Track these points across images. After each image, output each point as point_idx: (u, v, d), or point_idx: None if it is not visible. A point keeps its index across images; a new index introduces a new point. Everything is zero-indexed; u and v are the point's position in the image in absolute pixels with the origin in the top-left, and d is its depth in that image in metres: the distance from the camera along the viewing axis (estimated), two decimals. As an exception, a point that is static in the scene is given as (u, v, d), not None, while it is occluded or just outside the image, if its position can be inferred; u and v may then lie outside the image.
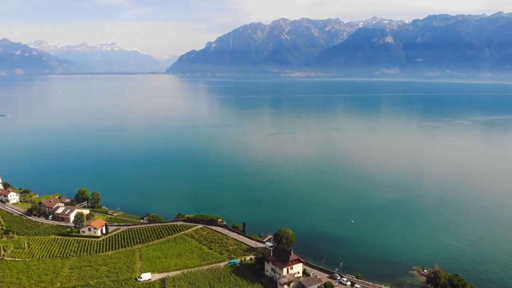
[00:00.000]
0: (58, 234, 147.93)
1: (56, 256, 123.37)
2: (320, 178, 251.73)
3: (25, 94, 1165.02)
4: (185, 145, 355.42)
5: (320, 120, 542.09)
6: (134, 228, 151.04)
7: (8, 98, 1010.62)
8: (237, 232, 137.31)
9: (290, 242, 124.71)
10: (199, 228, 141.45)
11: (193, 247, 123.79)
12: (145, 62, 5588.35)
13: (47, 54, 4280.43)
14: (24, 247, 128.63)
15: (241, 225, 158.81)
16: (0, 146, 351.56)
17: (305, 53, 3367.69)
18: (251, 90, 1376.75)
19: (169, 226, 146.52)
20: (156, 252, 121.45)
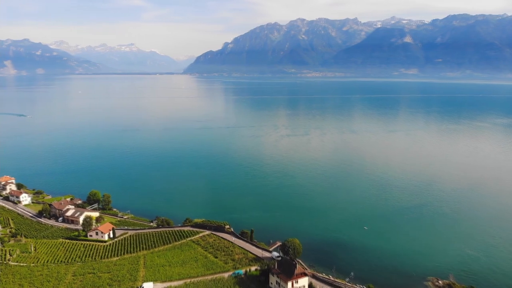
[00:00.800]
0: (65, 237, 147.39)
1: (61, 261, 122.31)
2: (333, 182, 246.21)
3: (45, 93, 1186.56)
4: (197, 146, 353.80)
5: (335, 121, 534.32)
6: (141, 233, 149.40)
7: (29, 98, 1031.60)
8: (244, 240, 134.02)
9: (298, 252, 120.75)
10: (206, 234, 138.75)
11: (199, 254, 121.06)
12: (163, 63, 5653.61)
13: (67, 55, 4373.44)
14: (31, 251, 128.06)
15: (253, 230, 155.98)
16: (18, 146, 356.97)
17: (322, 53, 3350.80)
18: (267, 90, 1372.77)
19: (176, 232, 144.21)
20: (161, 259, 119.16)
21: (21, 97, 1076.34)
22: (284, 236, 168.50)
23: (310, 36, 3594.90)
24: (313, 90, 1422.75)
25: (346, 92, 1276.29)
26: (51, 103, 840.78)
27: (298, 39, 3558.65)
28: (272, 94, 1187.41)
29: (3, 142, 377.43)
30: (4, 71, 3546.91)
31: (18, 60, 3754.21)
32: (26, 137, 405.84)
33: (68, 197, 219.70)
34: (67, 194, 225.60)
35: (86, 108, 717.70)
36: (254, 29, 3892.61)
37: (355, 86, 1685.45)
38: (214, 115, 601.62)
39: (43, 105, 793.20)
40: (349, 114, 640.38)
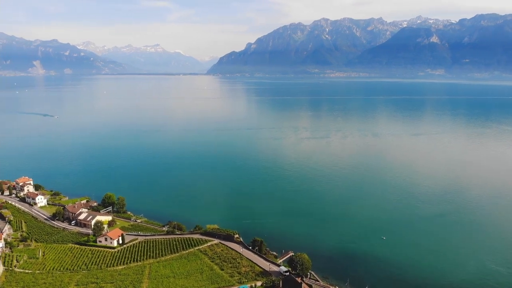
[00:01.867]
0: (75, 242, 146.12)
1: (67, 269, 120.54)
2: (353, 188, 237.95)
3: (72, 93, 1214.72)
4: (215, 148, 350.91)
5: (357, 124, 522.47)
6: (150, 239, 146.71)
7: (57, 97, 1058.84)
8: (253, 251, 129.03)
9: (306, 268, 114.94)
10: (214, 244, 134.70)
11: (205, 266, 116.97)
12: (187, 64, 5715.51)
13: (94, 55, 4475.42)
14: (38, 257, 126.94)
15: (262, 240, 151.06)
16: (40, 147, 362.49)
17: (346, 53, 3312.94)
18: (289, 91, 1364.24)
19: (185, 240, 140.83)
20: (166, 269, 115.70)
21: (50, 96, 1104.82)
22: (298, 245, 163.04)
23: (334, 36, 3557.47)
24: (336, 90, 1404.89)
25: (370, 93, 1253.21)
26: (78, 104, 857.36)
27: (321, 39, 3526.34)
28: (294, 94, 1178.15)
29: (27, 142, 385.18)
30: (33, 71, 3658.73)
31: (46, 60, 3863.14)
32: (50, 138, 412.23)
33: (84, 199, 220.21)
34: (84, 195, 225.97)
35: (110, 108, 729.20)
36: (277, 30, 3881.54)
37: (380, 86, 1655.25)
38: (233, 116, 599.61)
39: (70, 105, 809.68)
40: (372, 116, 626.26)
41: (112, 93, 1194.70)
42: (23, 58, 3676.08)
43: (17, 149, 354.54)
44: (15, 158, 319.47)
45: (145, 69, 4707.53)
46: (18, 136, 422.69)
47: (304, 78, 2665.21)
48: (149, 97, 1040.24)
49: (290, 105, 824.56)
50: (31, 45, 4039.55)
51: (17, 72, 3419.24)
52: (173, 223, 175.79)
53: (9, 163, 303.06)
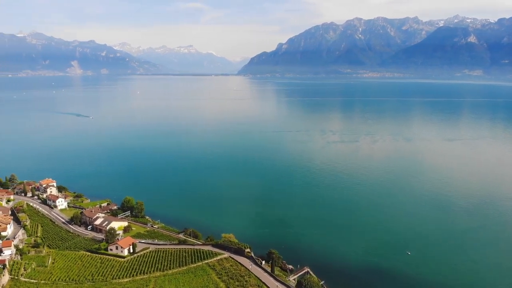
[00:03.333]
0: (87, 250, 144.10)
1: (72, 279, 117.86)
2: (378, 197, 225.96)
3: (108, 94, 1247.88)
4: (238, 152, 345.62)
5: (388, 127, 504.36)
6: (161, 249, 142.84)
7: (93, 98, 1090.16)
8: (262, 268, 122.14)
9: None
10: (223, 258, 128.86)
11: (211, 282, 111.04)
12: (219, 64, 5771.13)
13: (129, 56, 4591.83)
14: (47, 265, 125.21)
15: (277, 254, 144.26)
16: (71, 148, 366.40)
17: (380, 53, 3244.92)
18: (319, 92, 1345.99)
19: (195, 251, 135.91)
20: (171, 285, 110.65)
21: (86, 97, 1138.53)
22: (316, 258, 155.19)
23: (368, 36, 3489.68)
24: (369, 91, 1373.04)
25: (404, 94, 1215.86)
26: (113, 104, 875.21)
27: (354, 39, 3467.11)
28: (324, 95, 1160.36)
29: (58, 143, 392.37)
30: (71, 71, 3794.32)
31: (84, 61, 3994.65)
32: (82, 139, 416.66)
33: (105, 202, 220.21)
34: (105, 198, 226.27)
35: (141, 109, 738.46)
36: (309, 29, 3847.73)
37: (414, 87, 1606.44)
38: (260, 118, 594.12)
39: (105, 106, 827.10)
40: (405, 119, 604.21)
41: (145, 94, 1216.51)
42: (62, 58, 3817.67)
43: (47, 150, 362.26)
44: (44, 158, 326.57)
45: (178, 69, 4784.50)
46: (51, 136, 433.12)
47: (335, 79, 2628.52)
48: (179, 98, 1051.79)
49: (319, 107, 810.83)
50: (69, 46, 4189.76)
51: (55, 72, 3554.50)
52: (189, 230, 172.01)
53: (37, 163, 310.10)
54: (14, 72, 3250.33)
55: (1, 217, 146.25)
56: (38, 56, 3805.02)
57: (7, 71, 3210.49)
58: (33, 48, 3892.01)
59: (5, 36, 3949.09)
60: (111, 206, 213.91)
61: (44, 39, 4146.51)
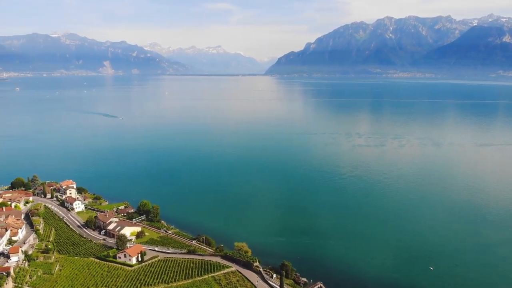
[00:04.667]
0: (96, 256, 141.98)
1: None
2: (401, 206, 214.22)
3: (138, 94, 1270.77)
4: (259, 155, 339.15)
5: (417, 131, 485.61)
6: (170, 258, 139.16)
7: (124, 98, 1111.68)
8: (269, 284, 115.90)
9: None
10: (231, 272, 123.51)
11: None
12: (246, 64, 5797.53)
13: (160, 56, 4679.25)
14: (53, 273, 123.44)
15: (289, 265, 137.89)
16: (97, 149, 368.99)
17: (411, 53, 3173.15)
18: (347, 92, 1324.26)
19: (203, 263, 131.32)
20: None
21: (117, 97, 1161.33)
22: (333, 271, 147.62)
23: (398, 35, 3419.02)
24: (399, 92, 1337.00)
25: (435, 95, 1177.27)
26: (142, 104, 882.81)
27: (385, 38, 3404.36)
28: (351, 96, 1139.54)
29: (84, 143, 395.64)
30: (103, 71, 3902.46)
31: (115, 61, 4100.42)
32: (109, 140, 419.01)
33: (123, 205, 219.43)
34: (123, 201, 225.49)
35: (168, 110, 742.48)
36: (338, 29, 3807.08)
37: (446, 89, 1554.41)
38: (283, 120, 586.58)
39: (135, 106, 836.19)
40: (435, 122, 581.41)
41: (173, 94, 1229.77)
42: (94, 59, 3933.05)
43: (72, 150, 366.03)
44: (68, 159, 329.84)
45: (207, 70, 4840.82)
46: (78, 136, 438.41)
47: (365, 79, 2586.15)
48: (204, 98, 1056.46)
49: (346, 108, 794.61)
50: (102, 46, 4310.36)
51: (88, 72, 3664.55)
52: (202, 237, 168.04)
53: (61, 163, 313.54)
54: (48, 71, 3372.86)
55: (13, 221, 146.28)
56: (72, 56, 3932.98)
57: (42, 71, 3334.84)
58: (67, 48, 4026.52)
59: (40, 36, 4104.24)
60: (128, 209, 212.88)
61: (77, 40, 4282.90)
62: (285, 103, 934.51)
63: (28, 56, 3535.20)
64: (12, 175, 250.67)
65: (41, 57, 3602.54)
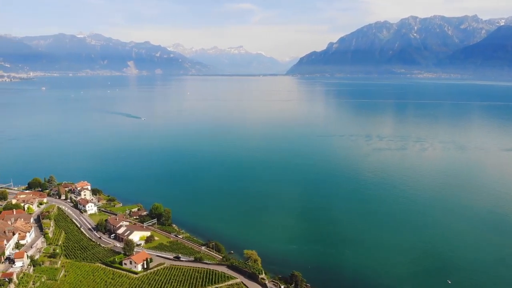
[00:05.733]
0: (103, 262, 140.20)
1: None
2: (420, 215, 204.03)
3: (161, 94, 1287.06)
4: (275, 158, 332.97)
5: (441, 133, 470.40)
6: (176, 266, 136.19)
7: (147, 98, 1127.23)
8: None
9: None
10: (235, 283, 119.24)
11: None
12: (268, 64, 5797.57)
13: (182, 56, 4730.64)
14: (57, 279, 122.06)
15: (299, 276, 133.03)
16: (116, 150, 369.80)
17: (436, 53, 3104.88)
18: (369, 93, 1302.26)
19: (208, 272, 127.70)
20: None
21: (141, 97, 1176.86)
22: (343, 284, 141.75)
23: (423, 35, 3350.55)
24: (424, 93, 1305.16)
25: (461, 97, 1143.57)
26: (164, 105, 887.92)
27: (409, 38, 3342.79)
28: (374, 97, 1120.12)
29: (102, 144, 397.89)
30: (127, 71, 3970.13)
31: (139, 61, 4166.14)
32: (129, 140, 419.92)
33: (136, 207, 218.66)
34: (137, 203, 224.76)
35: (188, 111, 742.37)
36: (361, 28, 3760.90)
37: (473, 90, 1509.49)
38: (302, 121, 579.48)
39: (158, 107, 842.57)
40: (460, 125, 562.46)
41: (194, 94, 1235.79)
42: (119, 59, 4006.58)
43: (91, 150, 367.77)
44: (86, 159, 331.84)
45: (228, 70, 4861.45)
46: (98, 136, 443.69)
47: (388, 79, 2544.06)
48: (223, 99, 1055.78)
49: (367, 109, 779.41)
50: (126, 47, 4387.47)
51: (112, 72, 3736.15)
52: (212, 243, 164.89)
53: (79, 164, 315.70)
54: (74, 71, 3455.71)
55: (22, 224, 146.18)
56: (97, 56, 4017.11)
57: (68, 71, 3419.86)
58: (93, 48, 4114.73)
59: (67, 36, 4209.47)
60: (141, 212, 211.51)
61: (102, 40, 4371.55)
62: (304, 104, 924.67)
63: (55, 56, 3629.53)
64: (30, 175, 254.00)
65: (67, 57, 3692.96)
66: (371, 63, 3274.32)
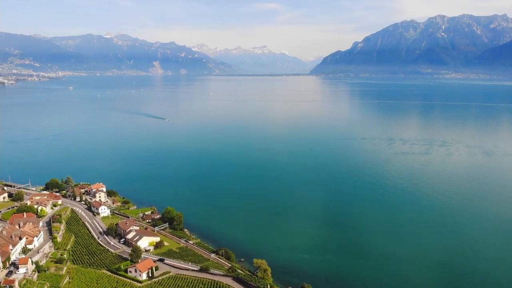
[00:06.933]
0: (108, 269, 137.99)
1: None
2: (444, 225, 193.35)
3: (185, 94, 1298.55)
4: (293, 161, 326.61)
5: (467, 137, 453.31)
6: (181, 276, 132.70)
7: (170, 98, 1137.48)
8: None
9: None
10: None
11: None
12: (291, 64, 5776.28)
13: (206, 57, 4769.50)
14: (61, 286, 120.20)
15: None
16: (136, 151, 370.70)
17: (464, 53, 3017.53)
18: (395, 93, 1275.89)
19: (212, 284, 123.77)
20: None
21: (165, 97, 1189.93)
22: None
23: (451, 34, 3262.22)
24: (451, 95, 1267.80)
25: (490, 98, 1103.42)
26: (188, 105, 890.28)
27: (436, 37, 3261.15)
28: (399, 98, 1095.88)
29: (124, 145, 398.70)
30: (152, 71, 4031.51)
31: (165, 61, 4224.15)
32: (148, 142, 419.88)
33: (149, 210, 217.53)
34: (151, 205, 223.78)
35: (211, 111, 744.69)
36: (387, 28, 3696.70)
37: (503, 91, 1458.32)
38: (323, 123, 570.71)
39: (182, 107, 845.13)
40: (488, 129, 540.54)
41: (217, 95, 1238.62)
42: (145, 59, 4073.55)
43: (111, 151, 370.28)
44: (106, 160, 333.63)
45: (252, 70, 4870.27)
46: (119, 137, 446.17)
47: (414, 79, 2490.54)
48: (244, 99, 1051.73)
49: (391, 111, 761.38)
50: (152, 47, 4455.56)
51: (138, 72, 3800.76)
52: (222, 250, 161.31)
53: (98, 164, 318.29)
54: (101, 71, 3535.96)
55: (30, 228, 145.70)
56: (124, 56, 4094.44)
57: (96, 70, 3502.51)
58: (119, 48, 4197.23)
59: (94, 37, 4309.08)
60: (155, 215, 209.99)
61: (129, 40, 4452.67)
62: (327, 105, 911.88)
63: (83, 55, 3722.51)
64: (48, 175, 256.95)
65: (95, 57, 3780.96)
66: (397, 63, 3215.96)
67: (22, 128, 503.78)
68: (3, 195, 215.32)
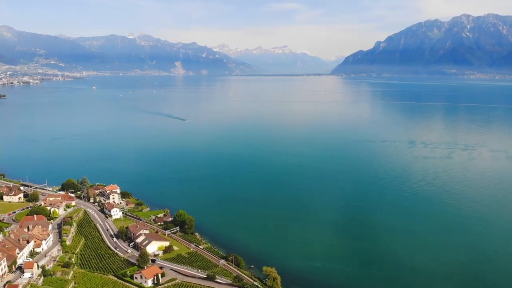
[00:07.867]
0: (115, 274, 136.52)
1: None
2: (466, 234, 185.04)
3: (205, 94, 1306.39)
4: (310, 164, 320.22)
5: (491, 141, 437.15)
6: (187, 283, 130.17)
7: (191, 98, 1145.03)
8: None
9: None
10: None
11: None
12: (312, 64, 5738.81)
13: (227, 57, 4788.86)
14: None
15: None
16: (153, 152, 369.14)
17: (490, 53, 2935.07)
18: (418, 94, 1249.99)
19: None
20: None
21: (185, 97, 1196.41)
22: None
23: (476, 34, 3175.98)
24: (477, 96, 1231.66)
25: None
26: (208, 106, 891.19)
27: (461, 37, 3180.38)
28: (422, 99, 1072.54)
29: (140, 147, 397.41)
30: (174, 71, 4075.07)
31: (186, 62, 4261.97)
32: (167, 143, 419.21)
33: (162, 212, 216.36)
34: (164, 208, 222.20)
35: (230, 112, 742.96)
36: (410, 27, 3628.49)
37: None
38: (343, 125, 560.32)
39: (202, 108, 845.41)
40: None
41: (236, 95, 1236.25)
42: (167, 59, 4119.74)
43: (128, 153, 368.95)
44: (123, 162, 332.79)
45: (272, 70, 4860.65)
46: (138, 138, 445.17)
47: (438, 80, 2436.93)
48: (263, 100, 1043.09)
49: (413, 113, 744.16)
50: (174, 47, 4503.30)
51: (160, 72, 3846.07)
52: (231, 256, 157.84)
53: (115, 165, 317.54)
54: (124, 71, 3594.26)
55: (39, 231, 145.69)
56: (146, 56, 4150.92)
57: (119, 70, 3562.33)
58: (142, 49, 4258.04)
59: (117, 37, 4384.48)
60: (167, 217, 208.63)
61: (151, 41, 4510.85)
62: (347, 106, 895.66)
63: (106, 56, 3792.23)
64: (65, 176, 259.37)
65: (118, 57, 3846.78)
66: (420, 63, 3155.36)
67: (43, 127, 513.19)
68: (19, 195, 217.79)
